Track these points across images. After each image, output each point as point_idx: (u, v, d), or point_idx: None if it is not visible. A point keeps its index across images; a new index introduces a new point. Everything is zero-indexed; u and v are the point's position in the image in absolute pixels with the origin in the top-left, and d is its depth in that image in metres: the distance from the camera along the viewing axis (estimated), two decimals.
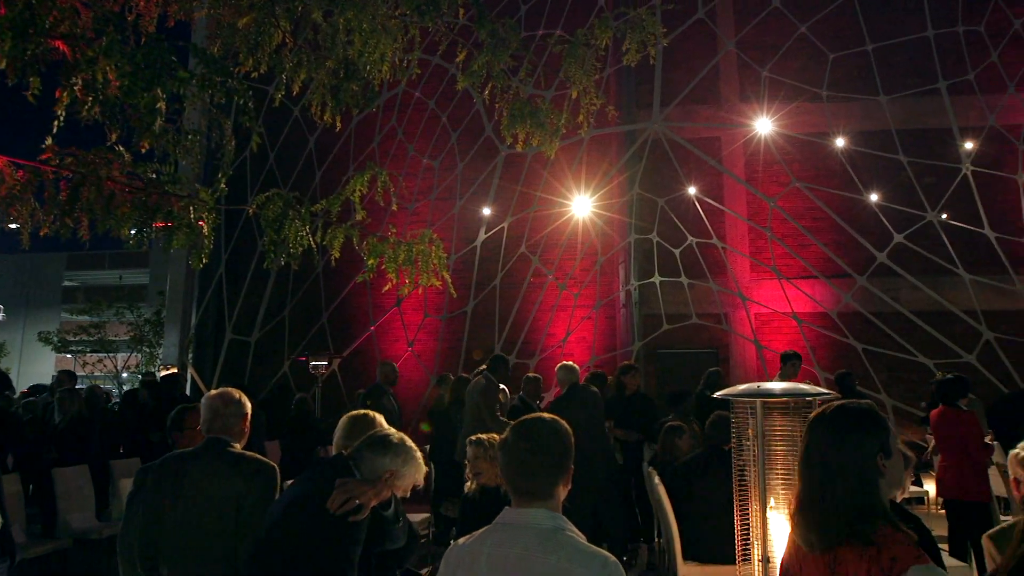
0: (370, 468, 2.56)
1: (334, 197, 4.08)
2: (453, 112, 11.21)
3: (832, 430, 1.75)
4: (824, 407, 1.82)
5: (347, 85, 4.07)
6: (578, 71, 4.31)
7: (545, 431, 1.88)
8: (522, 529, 1.79)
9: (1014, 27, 10.64)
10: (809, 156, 10.87)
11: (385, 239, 4.20)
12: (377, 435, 2.66)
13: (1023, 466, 2.94)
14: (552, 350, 10.87)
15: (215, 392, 3.05)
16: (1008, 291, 9.93)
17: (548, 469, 1.82)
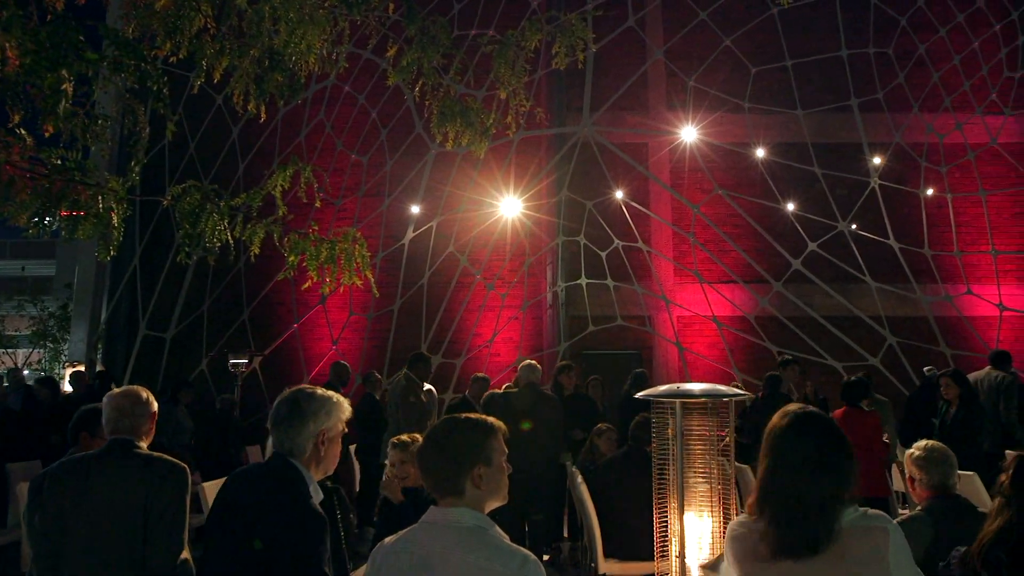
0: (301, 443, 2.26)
1: (255, 191, 3.95)
2: (383, 108, 11.07)
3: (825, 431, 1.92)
4: (799, 413, 1.93)
5: (272, 75, 3.95)
6: (508, 72, 4.32)
7: (448, 430, 1.90)
8: (444, 528, 1.80)
9: (919, 51, 11.31)
10: (731, 165, 11.25)
11: (307, 236, 4.10)
12: (282, 412, 2.27)
13: (917, 464, 3.12)
14: (479, 350, 10.87)
15: (119, 390, 2.89)
16: (909, 299, 10.54)
17: (449, 467, 1.84)
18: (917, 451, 3.14)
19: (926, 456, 3.10)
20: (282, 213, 4.03)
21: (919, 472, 3.10)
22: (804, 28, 11.51)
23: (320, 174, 10.29)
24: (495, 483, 1.88)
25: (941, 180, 11.22)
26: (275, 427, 2.26)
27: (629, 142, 11.31)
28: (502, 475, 1.91)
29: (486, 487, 1.85)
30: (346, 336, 11.16)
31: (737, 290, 10.86)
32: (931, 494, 3.06)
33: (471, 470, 1.84)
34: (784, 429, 1.90)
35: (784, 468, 1.83)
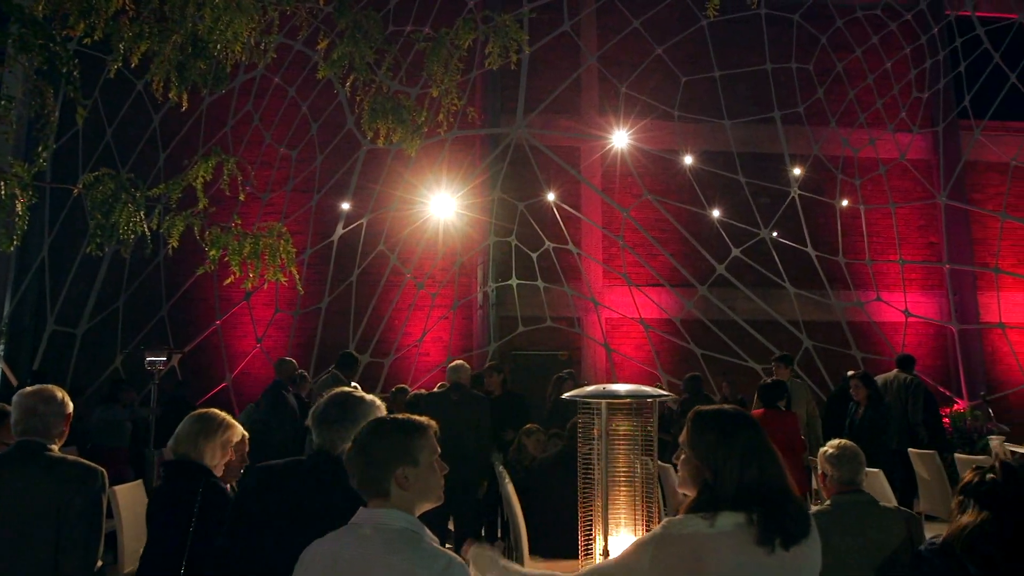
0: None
1: (174, 182, 3.79)
2: (315, 102, 10.83)
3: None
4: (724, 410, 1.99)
5: (195, 63, 3.80)
6: (441, 71, 4.30)
7: (372, 431, 1.89)
8: (371, 530, 1.78)
9: (837, 69, 11.86)
10: (660, 171, 11.51)
11: (229, 230, 3.96)
12: (332, 414, 2.41)
13: (830, 462, 3.27)
14: (408, 349, 10.78)
15: (31, 389, 2.74)
16: (825, 304, 11.02)
17: (372, 469, 1.83)
18: (830, 449, 3.29)
19: (837, 454, 3.25)
20: (203, 206, 3.88)
21: (830, 469, 3.24)
22: (732, 41, 11.89)
23: (245, 167, 10.00)
24: (423, 484, 1.85)
25: (855, 192, 11.79)
26: (323, 426, 2.39)
27: (562, 145, 11.43)
28: (432, 476, 1.88)
29: (413, 488, 1.83)
30: (271, 334, 10.87)
31: (664, 293, 11.12)
32: (839, 490, 3.20)
33: (394, 471, 1.82)
34: (754, 422, 1.96)
35: (767, 461, 1.86)
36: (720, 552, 1.76)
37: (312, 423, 2.45)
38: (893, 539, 3.03)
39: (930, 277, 12.33)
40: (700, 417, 1.98)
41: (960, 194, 11.94)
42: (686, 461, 1.97)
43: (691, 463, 1.94)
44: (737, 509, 1.79)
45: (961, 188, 12.10)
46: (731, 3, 9.02)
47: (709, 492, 1.85)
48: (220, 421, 2.83)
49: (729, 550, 1.76)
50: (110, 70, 3.92)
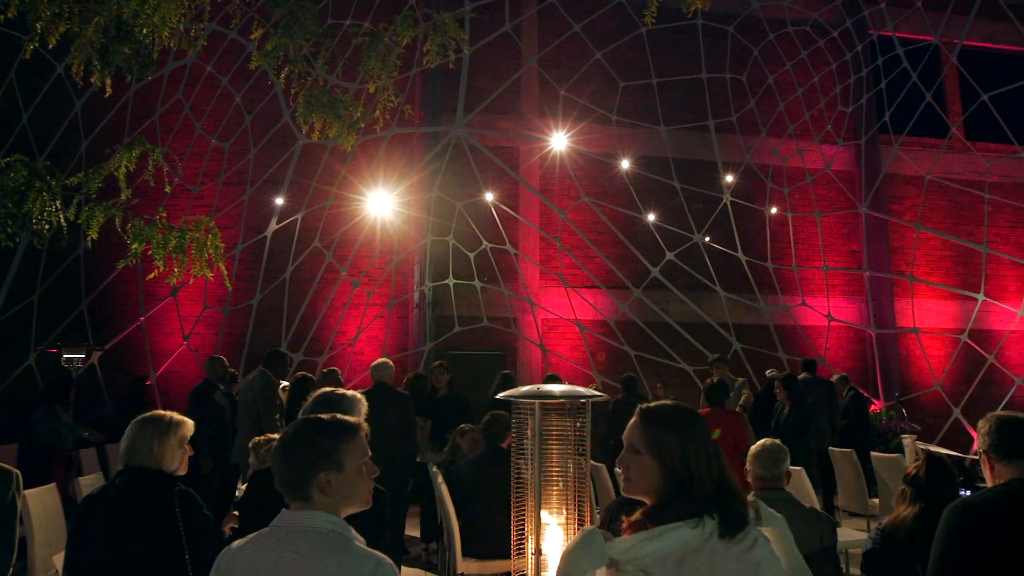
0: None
1: (94, 171, 3.60)
2: (249, 93, 10.53)
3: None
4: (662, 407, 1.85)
5: (118, 47, 3.62)
6: (379, 66, 4.24)
7: (296, 433, 1.84)
8: (296, 532, 1.72)
9: (768, 81, 12.27)
10: (598, 174, 11.67)
11: (153, 222, 3.81)
12: (320, 412, 2.45)
13: (750, 460, 3.39)
14: (342, 348, 10.61)
15: None
16: (753, 308, 11.38)
17: (294, 472, 1.77)
18: (755, 448, 3.41)
19: (759, 452, 3.36)
20: (125, 196, 3.72)
21: (749, 466, 3.36)
22: (669, 49, 12.16)
23: (173, 157, 9.65)
24: (348, 490, 1.79)
25: (783, 200, 12.22)
26: None
27: (501, 145, 11.46)
28: (359, 480, 1.82)
29: (337, 494, 1.77)
30: (199, 331, 10.52)
31: (599, 295, 11.27)
32: (761, 486, 3.32)
33: (316, 476, 1.76)
34: (701, 416, 1.89)
35: (714, 455, 1.79)
36: (713, 557, 1.69)
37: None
38: (809, 538, 3.14)
39: (851, 283, 12.90)
40: (656, 416, 1.82)
41: (880, 205, 12.52)
42: (642, 466, 1.78)
43: (649, 467, 1.76)
44: (712, 509, 1.72)
45: (881, 199, 12.70)
46: (669, 12, 9.22)
47: (687, 496, 1.72)
48: (169, 420, 2.74)
49: (713, 552, 1.69)
50: (25, 51, 3.72)
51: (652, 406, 1.87)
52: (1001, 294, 12.86)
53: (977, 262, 12.47)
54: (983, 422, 2.29)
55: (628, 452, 1.81)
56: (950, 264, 13.33)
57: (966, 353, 11.83)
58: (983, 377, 11.54)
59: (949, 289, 12.35)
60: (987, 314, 12.22)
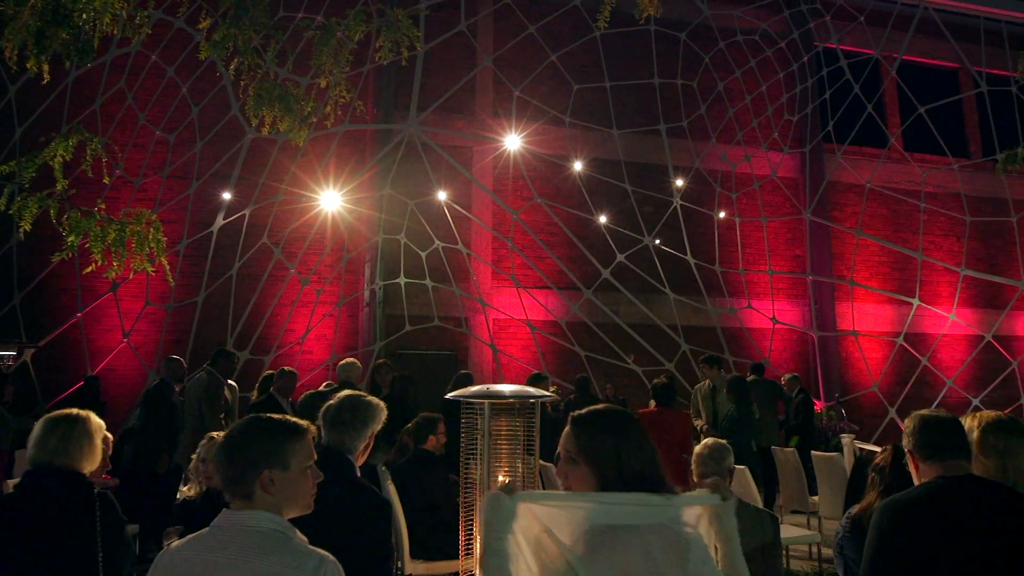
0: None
1: (27, 160, 3.45)
2: (196, 84, 10.25)
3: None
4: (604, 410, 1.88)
5: (56, 31, 3.48)
6: (330, 61, 4.18)
7: (242, 430, 1.81)
8: (237, 532, 1.69)
9: (718, 88, 12.52)
10: (551, 175, 11.74)
11: (91, 215, 3.67)
12: (344, 416, 2.75)
13: (698, 459, 3.45)
14: (290, 347, 10.42)
15: None
16: (701, 310, 11.59)
17: (237, 469, 1.75)
18: (699, 447, 3.47)
19: (704, 452, 3.43)
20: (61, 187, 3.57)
21: (693, 465, 3.42)
22: (623, 54, 12.31)
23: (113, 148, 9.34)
24: (292, 490, 1.77)
25: (731, 205, 12.49)
26: (335, 428, 2.73)
27: (455, 144, 11.43)
28: (303, 482, 1.80)
29: (280, 493, 1.75)
30: (140, 328, 10.20)
31: (550, 296, 11.33)
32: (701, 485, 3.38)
33: (260, 474, 1.74)
34: (629, 413, 1.92)
35: (648, 453, 1.83)
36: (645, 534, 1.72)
37: (323, 424, 2.75)
38: (753, 536, 3.22)
39: (795, 287, 13.26)
40: (588, 423, 1.83)
41: (823, 211, 12.91)
42: (581, 475, 1.79)
43: (587, 475, 1.77)
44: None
45: (824, 206, 13.09)
46: (622, 17, 9.33)
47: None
48: (84, 420, 2.63)
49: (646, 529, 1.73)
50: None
51: (583, 413, 1.88)
52: (935, 299, 13.41)
53: (913, 268, 12.97)
54: (908, 421, 2.34)
55: (566, 463, 1.82)
56: (888, 270, 13.83)
57: (902, 355, 12.28)
58: (917, 378, 12.00)
59: (886, 294, 12.80)
60: (921, 318, 12.72)
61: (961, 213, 12.85)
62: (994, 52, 13.16)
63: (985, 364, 12.95)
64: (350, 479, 2.67)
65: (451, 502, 4.73)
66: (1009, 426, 2.39)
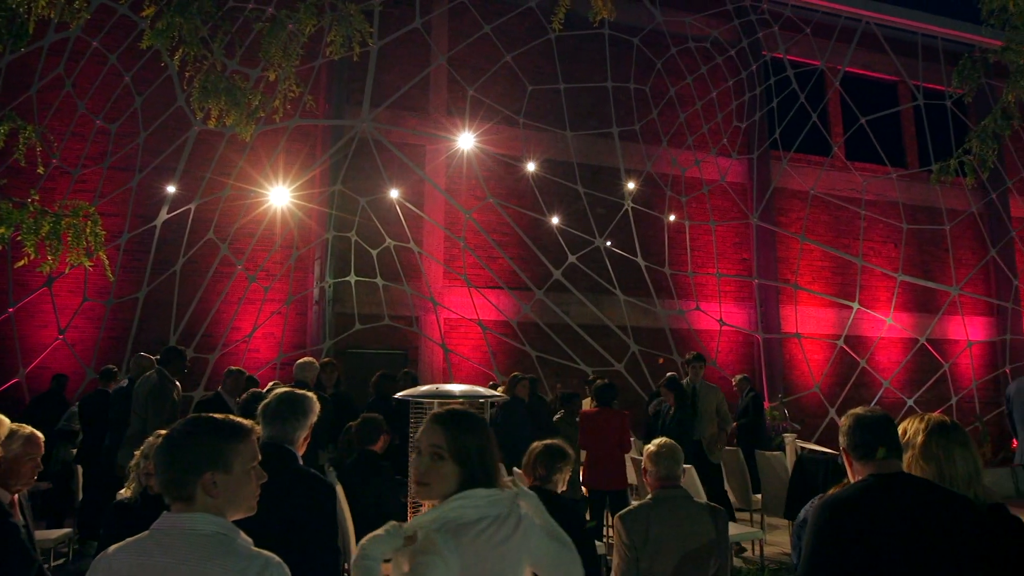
0: None
1: None
2: (140, 73, 9.93)
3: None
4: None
5: None
6: (279, 54, 4.09)
7: (185, 430, 1.76)
8: (178, 535, 1.64)
9: (670, 93, 12.72)
10: (504, 176, 11.75)
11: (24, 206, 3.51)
12: (284, 409, 2.88)
13: (651, 459, 3.48)
14: (236, 345, 10.19)
15: None
16: (651, 311, 11.76)
17: (178, 471, 1.70)
18: (652, 447, 3.51)
19: (657, 452, 3.47)
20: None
21: (651, 466, 3.45)
22: (577, 57, 12.41)
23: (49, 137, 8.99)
24: (234, 492, 1.73)
25: (681, 208, 12.70)
26: (275, 421, 2.85)
27: (408, 142, 11.34)
28: (246, 484, 1.76)
29: (222, 496, 1.71)
30: (77, 324, 9.84)
31: (502, 296, 11.34)
32: (660, 485, 3.42)
33: (201, 476, 1.69)
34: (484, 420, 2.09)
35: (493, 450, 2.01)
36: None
37: (263, 420, 2.87)
38: (704, 533, 3.29)
39: (742, 290, 13.56)
40: (456, 422, 1.96)
41: (769, 216, 13.24)
42: (444, 471, 1.91)
43: (451, 472, 1.91)
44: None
45: (770, 211, 13.43)
46: (578, 20, 9.40)
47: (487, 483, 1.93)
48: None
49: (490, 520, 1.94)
50: None
51: (446, 412, 2.01)
52: (873, 303, 13.88)
53: (853, 273, 13.40)
54: (843, 419, 2.37)
55: (431, 459, 1.92)
56: (829, 274, 14.26)
57: (842, 357, 12.68)
58: (856, 379, 12.40)
59: (828, 297, 13.20)
60: (860, 321, 13.16)
61: (898, 221, 13.34)
62: (931, 67, 13.70)
63: (919, 366, 13.47)
64: (294, 468, 2.82)
65: (397, 502, 4.70)
66: (951, 434, 2.47)
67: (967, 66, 7.64)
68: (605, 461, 6.33)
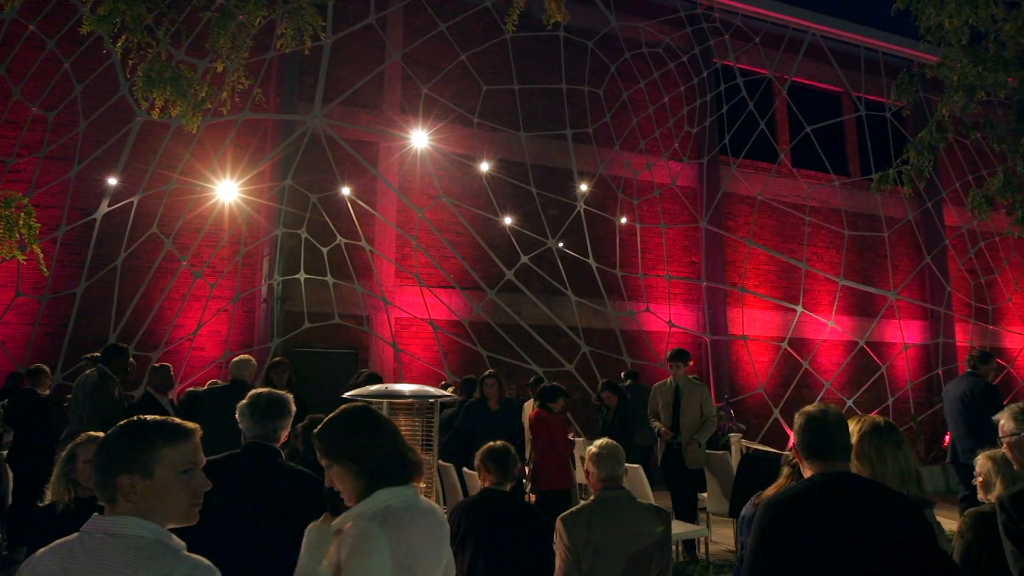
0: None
1: None
2: (80, 60, 9.57)
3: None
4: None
5: None
6: (227, 45, 3.99)
7: (114, 432, 1.74)
8: (103, 539, 1.61)
9: (623, 97, 12.88)
10: (458, 175, 11.71)
11: None
12: (271, 409, 3.05)
13: (593, 460, 3.50)
14: (180, 343, 9.92)
15: None
16: (602, 312, 11.87)
17: (98, 473, 1.68)
18: (593, 449, 3.52)
19: (599, 453, 3.48)
20: None
21: (593, 467, 3.47)
22: (532, 58, 12.45)
23: None
24: (159, 498, 1.67)
25: (632, 211, 12.86)
26: (257, 420, 3.01)
27: (361, 139, 11.21)
28: (175, 491, 1.69)
29: (143, 501, 1.65)
30: (9, 320, 9.43)
31: (454, 295, 11.30)
32: (603, 486, 3.44)
33: (116, 479, 1.65)
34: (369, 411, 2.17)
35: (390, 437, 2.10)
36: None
37: (244, 419, 3.02)
38: (647, 533, 3.31)
39: (691, 292, 13.80)
40: (330, 429, 2.05)
41: (718, 220, 13.51)
42: (341, 475, 2.01)
43: (347, 473, 2.00)
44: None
45: (719, 215, 13.70)
46: (533, 21, 9.43)
47: (381, 479, 1.99)
48: None
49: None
50: None
51: (319, 422, 2.12)
52: (816, 307, 14.29)
53: (797, 277, 13.78)
54: (797, 417, 2.40)
55: (326, 468, 2.04)
56: (775, 278, 14.62)
57: (786, 359, 13.02)
58: (799, 381, 12.76)
59: (773, 301, 13.53)
60: (804, 324, 13.53)
61: (840, 227, 13.77)
62: (872, 80, 14.18)
63: (858, 367, 13.92)
64: (280, 465, 3.00)
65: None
66: (884, 435, 2.54)
67: (905, 80, 7.94)
68: (547, 462, 6.38)
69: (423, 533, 1.98)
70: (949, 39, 7.30)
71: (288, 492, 2.91)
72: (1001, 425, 2.83)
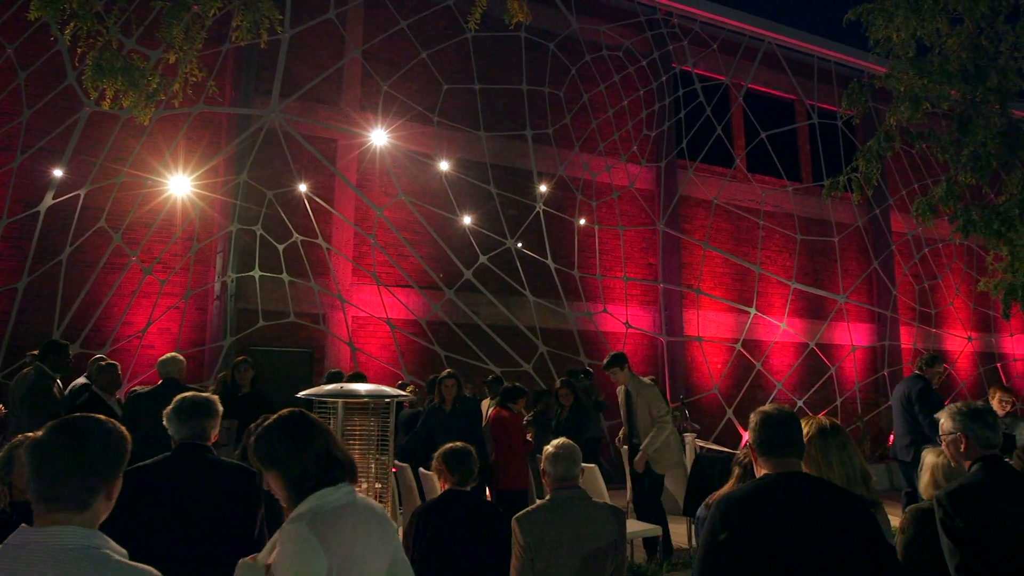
0: None
1: None
2: (24, 46, 9.23)
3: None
4: None
5: None
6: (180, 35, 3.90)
7: (92, 427, 1.64)
8: (40, 550, 1.50)
9: (583, 99, 12.97)
10: (417, 173, 11.64)
11: None
12: (200, 410, 3.12)
13: (548, 460, 3.51)
14: (128, 340, 9.64)
15: None
16: (559, 313, 11.93)
17: (86, 471, 1.58)
18: (550, 449, 3.53)
19: (554, 452, 3.49)
20: None
21: (549, 467, 3.48)
22: (493, 58, 12.45)
23: None
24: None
25: (591, 212, 12.96)
26: (188, 422, 3.05)
27: (319, 136, 11.06)
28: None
29: (104, 511, 1.65)
30: None
31: (412, 294, 11.23)
32: (557, 486, 3.45)
33: (110, 483, 1.62)
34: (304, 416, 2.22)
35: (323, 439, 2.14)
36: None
37: (173, 420, 3.06)
38: (602, 533, 3.32)
39: (647, 294, 13.97)
40: (262, 437, 2.08)
41: (675, 223, 13.70)
42: (275, 483, 2.05)
43: (279, 480, 2.04)
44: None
45: (676, 218, 13.90)
46: (495, 21, 9.42)
47: (316, 482, 2.03)
48: None
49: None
50: None
51: (256, 433, 2.15)
52: (769, 309, 14.61)
53: (751, 280, 14.06)
54: (752, 416, 2.43)
55: (265, 475, 2.09)
56: (730, 281, 14.89)
57: (739, 360, 13.27)
58: (751, 381, 13.02)
59: (728, 303, 13.78)
60: (757, 326, 13.81)
61: (793, 232, 14.10)
62: (825, 89, 14.55)
63: (809, 369, 14.27)
64: (213, 460, 3.05)
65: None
66: (829, 437, 2.60)
67: (856, 90, 8.17)
68: (505, 462, 6.41)
69: (359, 530, 1.99)
70: (897, 51, 7.54)
71: (224, 486, 2.98)
72: (941, 424, 2.93)
